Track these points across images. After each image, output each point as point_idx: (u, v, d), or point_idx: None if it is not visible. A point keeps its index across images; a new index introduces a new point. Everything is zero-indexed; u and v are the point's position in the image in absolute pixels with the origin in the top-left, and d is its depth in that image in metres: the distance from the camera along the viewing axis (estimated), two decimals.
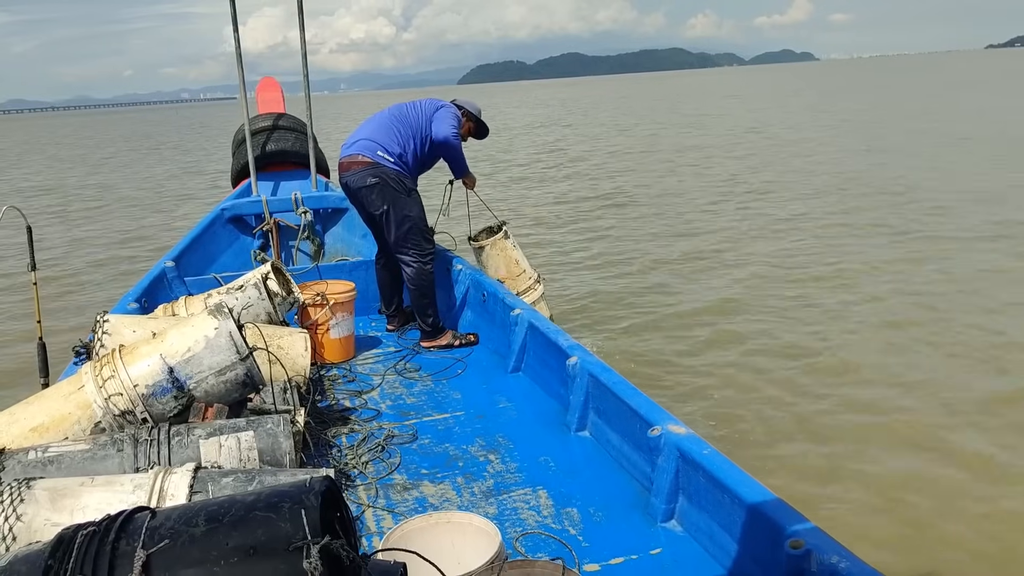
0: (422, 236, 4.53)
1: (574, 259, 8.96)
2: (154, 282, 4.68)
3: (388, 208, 4.41)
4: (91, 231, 13.09)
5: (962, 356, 5.45)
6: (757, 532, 2.24)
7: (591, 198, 13.08)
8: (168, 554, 1.28)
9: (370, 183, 4.40)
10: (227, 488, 2.06)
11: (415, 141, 4.53)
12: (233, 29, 5.73)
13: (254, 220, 5.86)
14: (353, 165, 4.46)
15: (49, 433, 2.54)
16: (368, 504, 2.87)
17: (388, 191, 4.40)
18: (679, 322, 6.51)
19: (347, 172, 4.50)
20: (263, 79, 7.46)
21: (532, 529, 2.67)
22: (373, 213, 4.48)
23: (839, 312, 6.52)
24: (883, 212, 10.25)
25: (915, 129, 20.45)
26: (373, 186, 4.40)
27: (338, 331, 4.40)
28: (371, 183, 4.40)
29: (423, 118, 4.57)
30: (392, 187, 4.40)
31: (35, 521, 1.90)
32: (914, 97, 37.10)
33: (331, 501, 1.39)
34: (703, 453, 2.54)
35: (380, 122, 4.60)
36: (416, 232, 4.50)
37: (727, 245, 9.16)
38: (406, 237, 4.48)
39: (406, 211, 4.44)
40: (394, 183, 4.41)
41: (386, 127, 4.54)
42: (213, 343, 2.68)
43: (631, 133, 26.30)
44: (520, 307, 4.22)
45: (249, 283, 3.89)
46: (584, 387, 3.34)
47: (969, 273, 7.31)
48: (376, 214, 4.47)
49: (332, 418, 3.60)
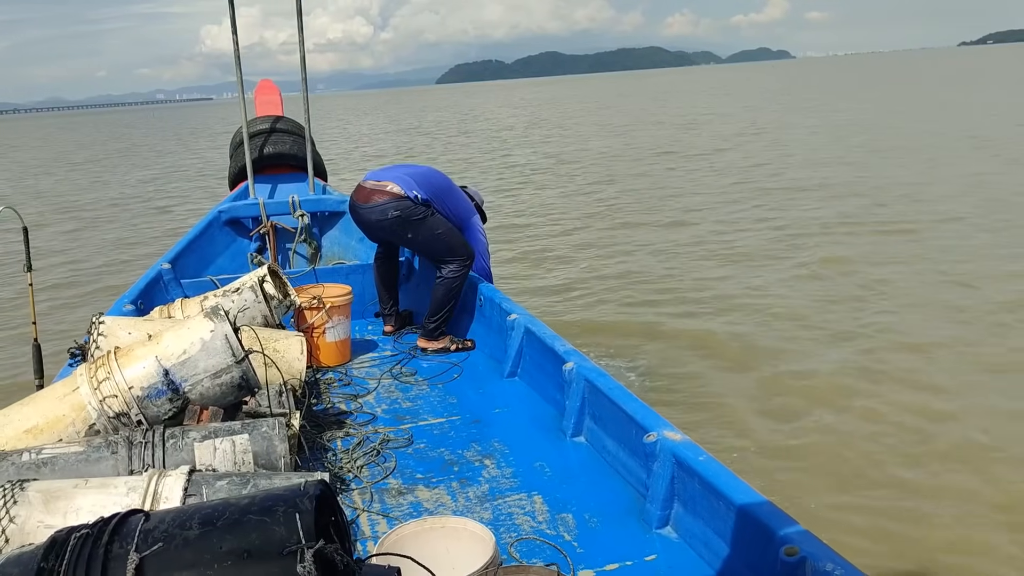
0: (460, 242, 4.44)
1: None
2: (150, 284, 4.67)
3: (413, 235, 4.33)
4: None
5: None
6: (752, 538, 2.24)
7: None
8: (161, 557, 1.28)
9: (393, 215, 4.25)
10: (221, 491, 2.05)
11: (447, 212, 4.45)
12: (232, 31, 5.73)
13: (251, 223, 5.85)
14: (377, 194, 4.28)
15: (43, 435, 2.53)
16: (363, 508, 2.86)
17: (410, 222, 4.28)
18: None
19: (367, 203, 4.31)
20: (261, 81, 7.47)
21: (527, 535, 2.66)
22: (395, 242, 4.41)
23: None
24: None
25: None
26: (395, 219, 4.25)
27: (334, 334, 4.39)
28: (393, 215, 4.25)
29: (463, 205, 4.58)
30: (415, 218, 4.27)
31: (28, 523, 1.89)
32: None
33: (326, 505, 1.39)
34: (699, 459, 2.54)
35: (424, 172, 4.51)
36: (454, 241, 4.40)
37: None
38: (445, 249, 4.37)
39: (435, 229, 4.32)
40: (415, 215, 4.28)
41: (430, 179, 4.45)
42: (209, 346, 2.67)
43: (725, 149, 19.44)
44: (517, 312, 4.22)
45: (245, 286, 3.88)
46: (580, 392, 3.34)
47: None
48: (399, 242, 4.42)
49: (327, 422, 3.60)
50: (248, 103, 5.99)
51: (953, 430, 4.51)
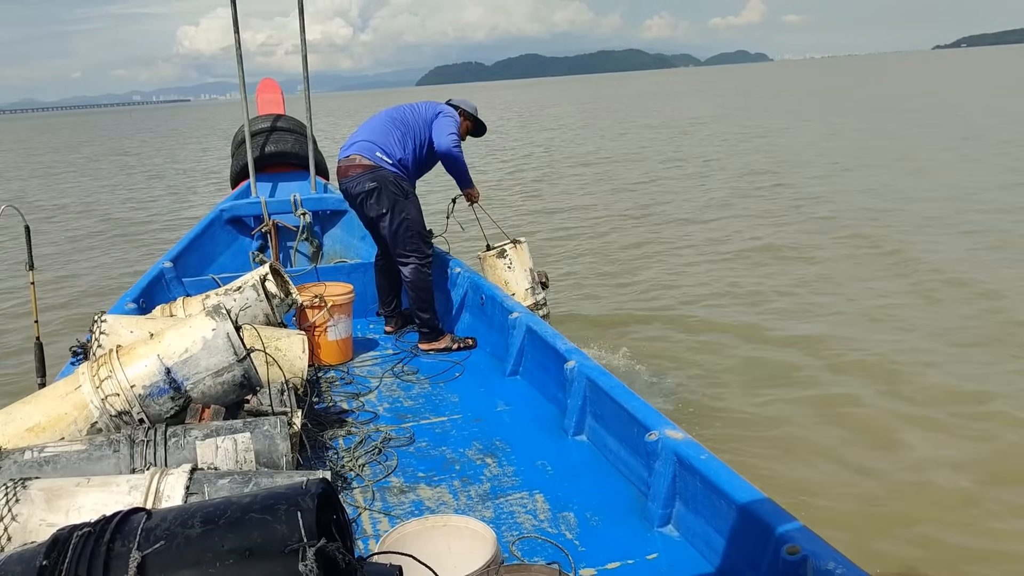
0: (420, 239, 4.53)
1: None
2: (152, 283, 4.68)
3: (386, 212, 4.41)
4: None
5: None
6: (754, 537, 2.24)
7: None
8: (163, 555, 1.27)
9: (368, 188, 4.40)
10: (223, 490, 2.05)
11: (414, 144, 4.53)
12: (234, 31, 5.73)
13: (253, 221, 5.86)
14: (351, 169, 4.45)
15: (45, 433, 2.54)
16: (364, 507, 2.86)
17: (386, 195, 4.40)
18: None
19: (345, 177, 4.49)
20: (263, 80, 7.48)
21: (529, 533, 2.66)
22: (371, 216, 4.48)
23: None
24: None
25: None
26: (372, 191, 4.40)
27: (336, 333, 4.39)
28: (369, 187, 4.40)
29: (422, 123, 4.56)
30: (391, 190, 4.40)
31: (30, 521, 1.89)
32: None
33: (327, 503, 1.39)
34: (700, 458, 2.54)
35: (378, 124, 4.59)
36: (414, 235, 4.49)
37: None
38: (405, 240, 4.47)
39: (404, 214, 4.44)
40: (392, 186, 4.41)
41: (384, 129, 4.54)
42: (211, 344, 2.68)
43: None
44: (518, 311, 4.22)
45: (247, 284, 3.88)
46: (582, 391, 3.34)
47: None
48: (373, 217, 4.47)
49: (329, 420, 3.60)
50: (238, 102, 5.99)
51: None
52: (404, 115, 4.61)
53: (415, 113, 4.62)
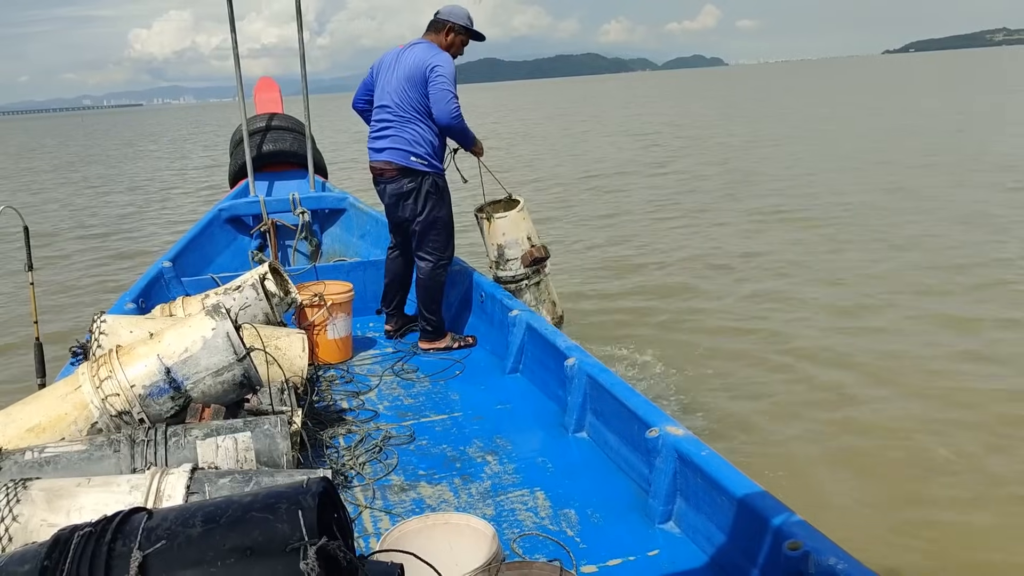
0: (447, 237, 4.50)
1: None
2: (151, 282, 4.67)
3: (421, 212, 4.39)
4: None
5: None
6: (755, 533, 2.24)
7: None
8: (165, 555, 1.27)
9: (407, 189, 4.37)
10: (224, 489, 2.05)
11: (431, 127, 4.38)
12: (231, 30, 5.73)
13: (252, 220, 5.86)
14: (387, 172, 4.42)
15: (46, 434, 2.54)
16: (365, 505, 2.86)
17: (424, 195, 4.37)
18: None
19: (381, 176, 4.46)
20: (261, 79, 7.48)
21: (529, 530, 2.66)
22: (405, 216, 4.43)
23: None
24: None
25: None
26: (410, 192, 4.37)
27: (336, 332, 4.39)
28: (408, 189, 4.37)
29: (423, 98, 4.33)
30: (428, 190, 4.37)
31: (31, 522, 1.89)
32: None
33: (328, 502, 1.39)
34: (701, 454, 2.54)
35: (396, 118, 4.38)
36: (442, 233, 4.47)
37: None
38: (432, 238, 4.45)
39: (437, 212, 4.42)
40: (430, 186, 4.38)
41: (404, 124, 4.37)
42: (210, 344, 2.68)
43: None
44: (518, 308, 4.22)
45: (247, 284, 3.88)
46: (582, 388, 3.34)
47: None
48: (408, 216, 4.43)
49: (329, 419, 3.60)
50: (243, 102, 5.98)
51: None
52: (406, 95, 4.34)
53: (416, 88, 4.33)
